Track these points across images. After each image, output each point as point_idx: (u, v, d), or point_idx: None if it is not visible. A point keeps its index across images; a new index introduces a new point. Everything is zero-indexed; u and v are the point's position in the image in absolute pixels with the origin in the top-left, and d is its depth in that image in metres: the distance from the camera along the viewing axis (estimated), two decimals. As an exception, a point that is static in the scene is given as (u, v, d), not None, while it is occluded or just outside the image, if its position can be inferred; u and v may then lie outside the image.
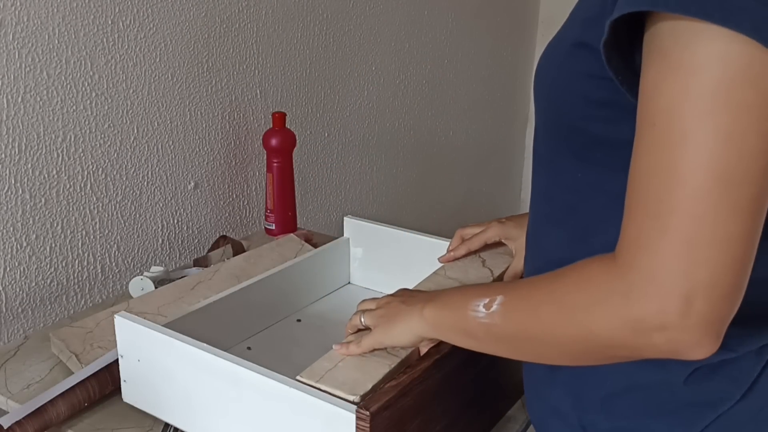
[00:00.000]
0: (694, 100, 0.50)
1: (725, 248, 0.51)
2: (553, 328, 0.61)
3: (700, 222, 0.51)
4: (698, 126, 0.50)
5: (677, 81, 0.51)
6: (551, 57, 0.69)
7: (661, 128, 0.52)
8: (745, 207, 0.51)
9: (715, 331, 0.54)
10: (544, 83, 0.70)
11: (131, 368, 0.92)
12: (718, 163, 0.50)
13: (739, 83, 0.50)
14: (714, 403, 0.66)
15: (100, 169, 1.31)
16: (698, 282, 0.52)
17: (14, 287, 1.22)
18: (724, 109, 0.50)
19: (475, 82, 2.43)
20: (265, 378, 0.78)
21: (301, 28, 1.69)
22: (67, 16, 1.21)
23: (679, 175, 0.51)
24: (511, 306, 0.66)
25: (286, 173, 1.50)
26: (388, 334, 0.80)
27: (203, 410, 0.86)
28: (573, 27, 0.65)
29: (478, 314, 0.69)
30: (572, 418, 0.71)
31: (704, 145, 0.50)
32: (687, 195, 0.51)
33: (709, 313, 0.53)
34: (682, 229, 0.52)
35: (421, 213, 2.27)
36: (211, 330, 0.98)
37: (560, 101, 0.67)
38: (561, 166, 0.70)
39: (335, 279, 1.25)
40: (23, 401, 0.95)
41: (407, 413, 0.78)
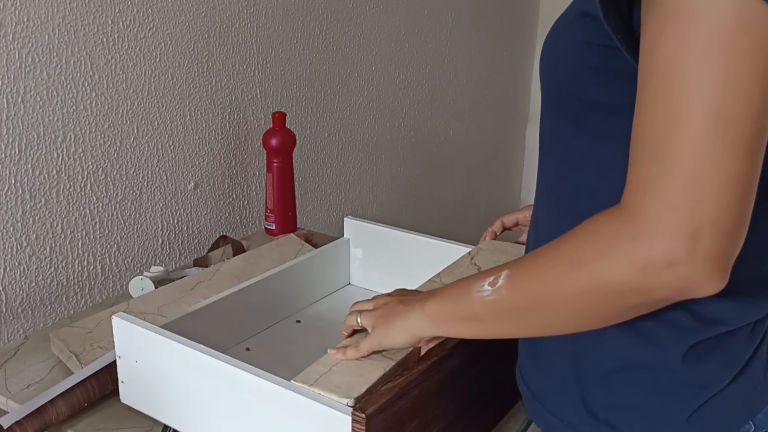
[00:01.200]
0: (692, 47, 0.53)
1: (727, 185, 0.54)
2: (562, 286, 0.62)
3: (702, 161, 0.54)
4: (696, 71, 0.53)
5: (676, 30, 0.54)
6: (556, 31, 0.71)
7: (662, 77, 0.55)
8: (744, 146, 0.54)
9: (721, 266, 0.56)
10: (548, 57, 0.72)
11: (129, 369, 0.92)
12: (716, 105, 0.53)
13: (732, 30, 0.52)
14: (708, 385, 0.68)
15: (100, 169, 1.31)
16: (703, 218, 0.54)
17: (14, 287, 1.22)
18: (719, 55, 0.53)
19: (475, 82, 2.43)
20: (261, 380, 0.78)
21: (301, 28, 1.69)
22: (67, 16, 1.21)
23: (681, 119, 0.54)
24: (517, 276, 0.67)
25: (286, 173, 1.50)
26: (386, 335, 0.79)
27: (200, 411, 0.86)
28: (576, 3, 0.67)
29: (483, 293, 0.69)
30: (573, 391, 0.72)
31: (702, 89, 0.53)
32: (689, 137, 0.54)
33: (714, 248, 0.55)
34: (686, 169, 0.54)
35: (421, 213, 2.27)
36: (210, 330, 0.98)
37: (561, 70, 0.69)
38: (557, 135, 0.72)
39: (335, 280, 1.25)
40: (23, 401, 0.95)
41: (404, 416, 0.77)
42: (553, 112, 0.73)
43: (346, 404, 0.73)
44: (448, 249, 1.15)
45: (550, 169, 0.75)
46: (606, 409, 0.70)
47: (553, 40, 0.72)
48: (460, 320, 0.73)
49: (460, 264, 1.04)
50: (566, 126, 0.70)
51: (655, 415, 0.68)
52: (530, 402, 0.78)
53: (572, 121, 0.69)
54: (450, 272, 1.01)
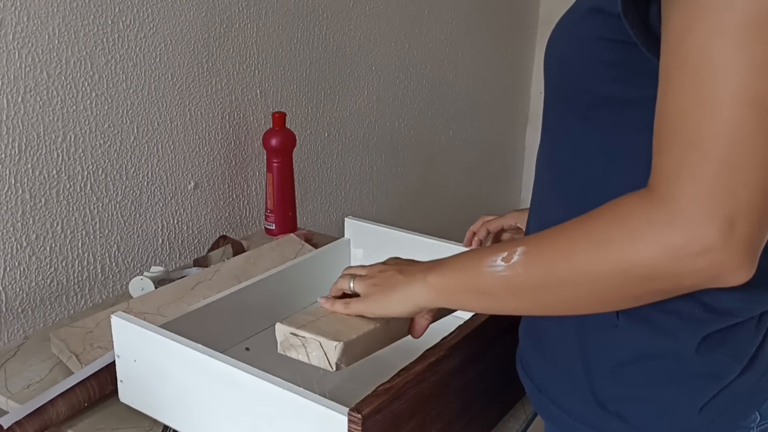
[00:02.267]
0: (727, 34, 0.53)
1: (763, 171, 0.54)
2: (587, 265, 0.61)
3: (739, 147, 0.53)
4: (732, 57, 0.53)
5: (709, 19, 0.54)
6: (563, 25, 0.72)
7: (695, 64, 0.55)
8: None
9: (754, 254, 0.56)
10: (555, 50, 0.72)
11: (128, 368, 0.92)
12: (753, 90, 0.53)
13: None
14: (719, 376, 0.68)
15: (100, 169, 1.31)
16: (740, 204, 0.54)
17: (14, 287, 1.22)
18: (757, 40, 0.53)
19: (475, 82, 2.43)
20: (258, 380, 0.78)
21: (301, 28, 1.69)
22: (67, 16, 1.21)
23: (717, 105, 0.54)
24: (536, 252, 0.65)
25: (286, 173, 1.50)
26: (382, 303, 0.77)
27: (199, 411, 0.86)
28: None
29: (496, 268, 0.67)
30: (582, 384, 0.72)
31: (739, 75, 0.53)
32: (725, 122, 0.54)
33: (750, 234, 0.55)
34: (722, 155, 0.54)
35: (421, 213, 2.27)
36: (210, 330, 0.98)
37: (570, 64, 0.69)
38: (565, 129, 0.72)
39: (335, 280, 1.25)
40: (23, 401, 0.95)
41: (401, 417, 0.77)
42: (560, 106, 0.73)
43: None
44: (448, 249, 1.15)
45: (557, 162, 0.74)
46: (616, 401, 0.70)
47: (560, 35, 0.72)
48: (468, 292, 0.71)
49: None
50: (575, 120, 0.70)
51: (666, 405, 0.68)
52: (535, 395, 0.78)
53: (581, 115, 0.69)
54: None
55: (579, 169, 0.71)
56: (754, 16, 0.52)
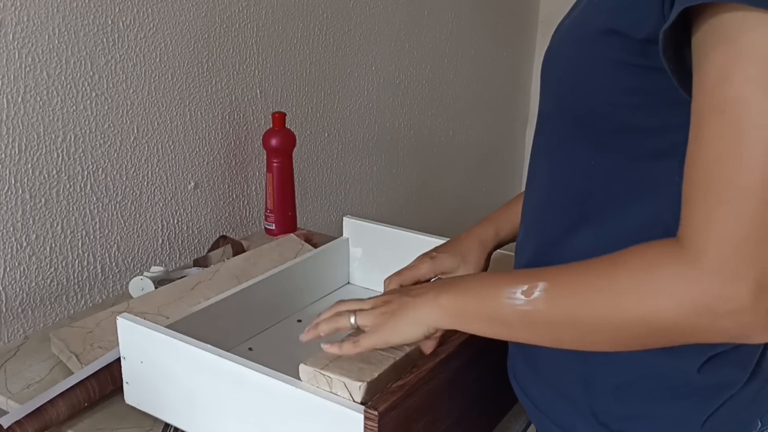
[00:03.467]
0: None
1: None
2: (610, 313, 0.60)
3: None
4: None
5: (749, 68, 0.52)
6: (567, 42, 0.69)
7: (732, 115, 0.53)
8: None
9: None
10: (559, 69, 0.70)
11: (134, 370, 0.92)
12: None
13: None
14: (723, 388, 0.67)
15: (100, 169, 1.31)
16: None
17: (14, 287, 1.22)
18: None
19: (475, 82, 2.43)
20: (271, 379, 0.78)
21: (301, 28, 1.69)
22: (67, 16, 1.21)
23: (753, 161, 0.52)
24: (558, 292, 0.63)
25: (286, 173, 1.50)
26: (395, 331, 0.74)
27: (207, 411, 0.86)
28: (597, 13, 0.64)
29: (516, 301, 0.65)
30: (582, 404, 0.71)
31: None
32: (760, 182, 0.52)
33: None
34: (756, 215, 0.52)
35: (421, 213, 2.27)
36: (213, 331, 0.98)
37: (583, 88, 0.67)
38: (572, 151, 0.70)
39: (335, 279, 1.25)
40: (23, 401, 0.95)
41: (414, 413, 0.78)
42: (567, 128, 0.71)
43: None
44: (448, 248, 1.14)
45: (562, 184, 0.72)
46: (620, 420, 0.69)
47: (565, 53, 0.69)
48: (483, 320, 0.70)
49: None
50: (585, 144, 0.68)
51: (670, 421, 0.68)
52: (535, 414, 0.78)
53: (594, 139, 0.67)
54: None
55: (594, 193, 0.69)
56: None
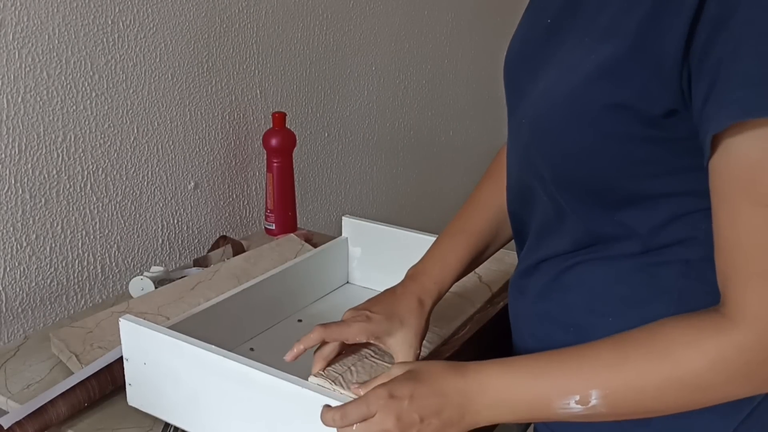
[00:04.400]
0: None
1: None
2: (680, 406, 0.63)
3: None
4: None
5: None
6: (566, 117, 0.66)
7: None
8: None
9: None
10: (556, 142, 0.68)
11: (137, 371, 0.91)
12: None
13: None
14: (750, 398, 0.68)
15: (100, 169, 1.31)
16: None
17: (14, 287, 1.22)
18: None
19: (475, 82, 2.43)
20: (278, 379, 0.78)
21: (301, 28, 1.69)
22: (67, 16, 1.21)
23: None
24: (616, 398, 0.63)
25: (286, 173, 1.50)
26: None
27: (212, 413, 0.85)
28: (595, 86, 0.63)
29: (573, 410, 0.64)
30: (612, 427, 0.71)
31: None
32: None
33: None
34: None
35: (421, 213, 2.27)
36: (214, 331, 0.98)
37: (593, 163, 0.66)
38: (585, 214, 0.71)
39: (334, 279, 1.25)
40: (23, 401, 0.95)
41: None
42: (575, 201, 0.71)
43: None
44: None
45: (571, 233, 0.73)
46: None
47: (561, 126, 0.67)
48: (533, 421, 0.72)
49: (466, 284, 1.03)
50: (598, 209, 0.69)
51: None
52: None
53: (606, 206, 0.69)
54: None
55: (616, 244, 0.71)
56: None
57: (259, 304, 1.08)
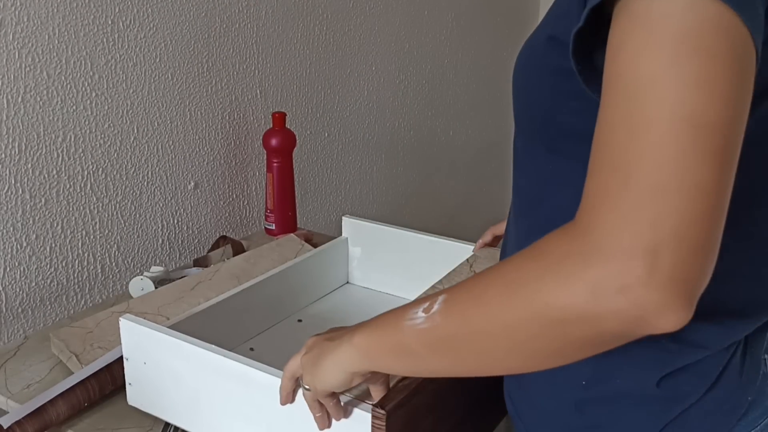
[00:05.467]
0: (661, 47, 0.48)
1: (696, 196, 0.47)
2: (500, 311, 0.54)
3: (667, 169, 0.47)
4: (666, 71, 0.48)
5: (644, 30, 0.49)
6: (525, 53, 0.70)
7: (627, 78, 0.49)
8: (715, 154, 0.48)
9: (686, 293, 0.48)
10: (519, 79, 0.70)
11: (137, 371, 0.91)
12: (687, 107, 0.47)
13: (710, 30, 0.48)
14: (680, 398, 0.66)
15: (100, 169, 1.31)
16: (665, 233, 0.47)
17: (14, 287, 1.22)
18: (695, 54, 0.47)
19: (475, 82, 2.43)
20: (277, 379, 0.78)
21: (301, 28, 1.69)
22: (67, 16, 1.21)
23: (645, 122, 0.48)
24: (454, 300, 0.59)
25: (286, 173, 1.50)
26: (317, 377, 0.70)
27: (212, 412, 0.86)
28: (547, 24, 0.65)
29: (416, 320, 0.60)
30: (551, 415, 0.72)
31: (673, 90, 0.48)
32: (653, 141, 0.48)
33: (677, 268, 0.47)
34: (648, 178, 0.48)
35: (421, 213, 2.27)
36: (214, 331, 0.98)
37: (532, 95, 0.67)
38: (533, 159, 0.70)
39: (334, 279, 1.25)
40: (23, 401, 0.95)
41: (420, 411, 0.78)
42: (526, 135, 0.71)
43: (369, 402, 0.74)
44: (446, 246, 1.15)
45: (523, 191, 0.73)
46: (581, 430, 0.70)
47: (523, 64, 0.69)
48: (390, 352, 0.64)
49: (459, 271, 1.03)
50: (541, 150, 0.68)
51: (628, 430, 0.68)
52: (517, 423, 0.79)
53: (547, 145, 0.67)
54: (450, 279, 1.01)
55: (544, 199, 0.68)
56: (692, 28, 0.47)
57: (259, 304, 1.08)
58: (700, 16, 0.48)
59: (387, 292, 1.24)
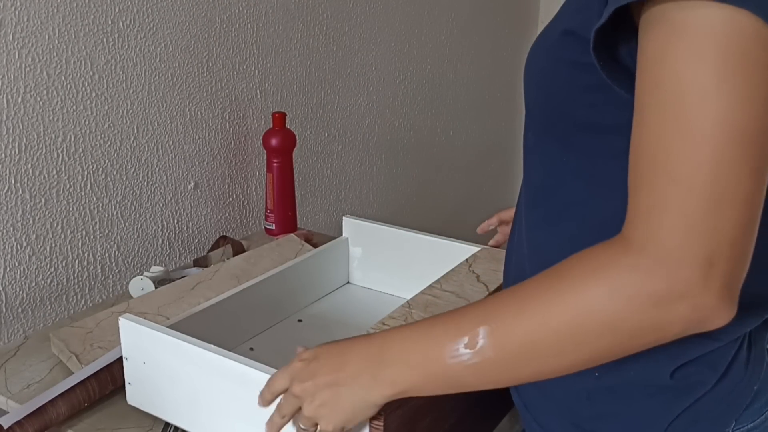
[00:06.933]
0: (708, 60, 0.50)
1: (746, 207, 0.51)
2: (569, 332, 0.56)
3: (724, 181, 0.50)
4: (715, 86, 0.50)
5: (687, 44, 0.51)
6: (539, 47, 0.70)
7: (671, 90, 0.51)
8: (761, 167, 0.51)
9: (734, 294, 0.53)
10: (533, 71, 0.71)
11: (136, 370, 0.91)
12: (737, 122, 0.50)
13: (752, 44, 0.50)
14: (692, 389, 0.67)
15: (100, 169, 1.31)
16: (721, 242, 0.51)
17: (14, 287, 1.22)
18: (740, 70, 0.50)
19: (475, 82, 2.43)
20: None
21: (301, 28, 1.69)
22: (67, 16, 1.21)
23: (699, 136, 0.50)
24: (502, 332, 0.59)
25: (286, 173, 1.50)
26: (343, 419, 0.68)
27: (211, 412, 0.85)
28: (562, 17, 0.66)
29: (462, 358, 0.60)
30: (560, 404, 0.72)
31: (723, 105, 0.50)
32: (709, 155, 0.50)
33: (730, 274, 0.52)
34: (707, 190, 0.50)
35: (421, 213, 2.27)
36: (214, 331, 0.98)
37: (548, 88, 0.68)
38: (545, 152, 0.71)
39: (335, 279, 1.25)
40: (23, 401, 0.95)
41: (418, 412, 0.78)
42: (537, 125, 0.72)
43: None
44: (446, 246, 1.15)
45: (535, 183, 0.73)
46: (591, 420, 0.70)
47: (537, 57, 0.70)
48: (439, 389, 0.64)
49: (458, 271, 1.03)
50: (554, 143, 0.69)
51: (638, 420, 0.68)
52: (523, 412, 0.79)
53: (560, 139, 0.68)
54: (449, 279, 1.01)
55: (556, 191, 0.69)
56: (735, 43, 0.49)
57: (259, 304, 1.08)
58: (741, 30, 0.50)
59: (387, 292, 1.24)
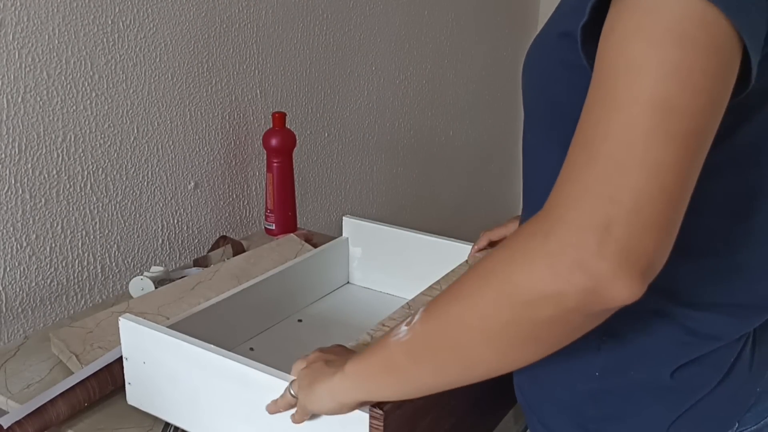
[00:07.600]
0: (646, 32, 0.50)
1: (653, 175, 0.49)
2: (474, 300, 0.55)
3: (631, 148, 0.49)
4: (645, 56, 0.50)
5: (632, 18, 0.51)
6: (538, 48, 0.70)
7: (609, 61, 0.52)
8: (681, 138, 0.49)
9: (638, 266, 0.49)
10: (531, 74, 0.71)
11: (136, 370, 0.91)
12: (659, 91, 0.49)
13: (693, 23, 0.49)
14: (694, 390, 0.67)
15: (100, 169, 1.31)
16: (619, 207, 0.48)
17: (14, 287, 1.22)
18: (675, 43, 0.49)
19: (475, 82, 2.43)
20: (277, 379, 0.78)
21: (301, 28, 1.69)
22: (67, 16, 1.21)
23: (618, 103, 0.50)
24: (431, 305, 0.61)
25: (286, 173, 1.50)
26: (310, 399, 0.72)
27: (211, 412, 0.86)
28: (559, 20, 0.66)
29: (400, 335, 0.62)
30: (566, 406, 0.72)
31: (648, 74, 0.49)
32: (621, 122, 0.50)
33: (628, 241, 0.48)
34: (611, 155, 0.49)
35: (421, 213, 2.27)
36: (214, 331, 0.98)
37: (546, 89, 0.68)
38: (545, 153, 0.71)
39: (335, 279, 1.25)
40: (23, 401, 0.95)
41: (419, 412, 0.78)
42: (538, 129, 0.71)
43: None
44: (446, 246, 1.15)
45: (535, 184, 0.73)
46: (596, 421, 0.70)
47: (535, 59, 0.70)
48: (378, 373, 0.65)
49: (458, 271, 1.04)
50: (554, 145, 0.68)
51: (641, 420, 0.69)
52: (527, 412, 0.79)
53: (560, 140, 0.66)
54: (449, 279, 1.01)
55: None
56: (676, 19, 0.49)
57: (259, 304, 1.08)
58: (686, 10, 0.49)
59: (387, 292, 1.24)
